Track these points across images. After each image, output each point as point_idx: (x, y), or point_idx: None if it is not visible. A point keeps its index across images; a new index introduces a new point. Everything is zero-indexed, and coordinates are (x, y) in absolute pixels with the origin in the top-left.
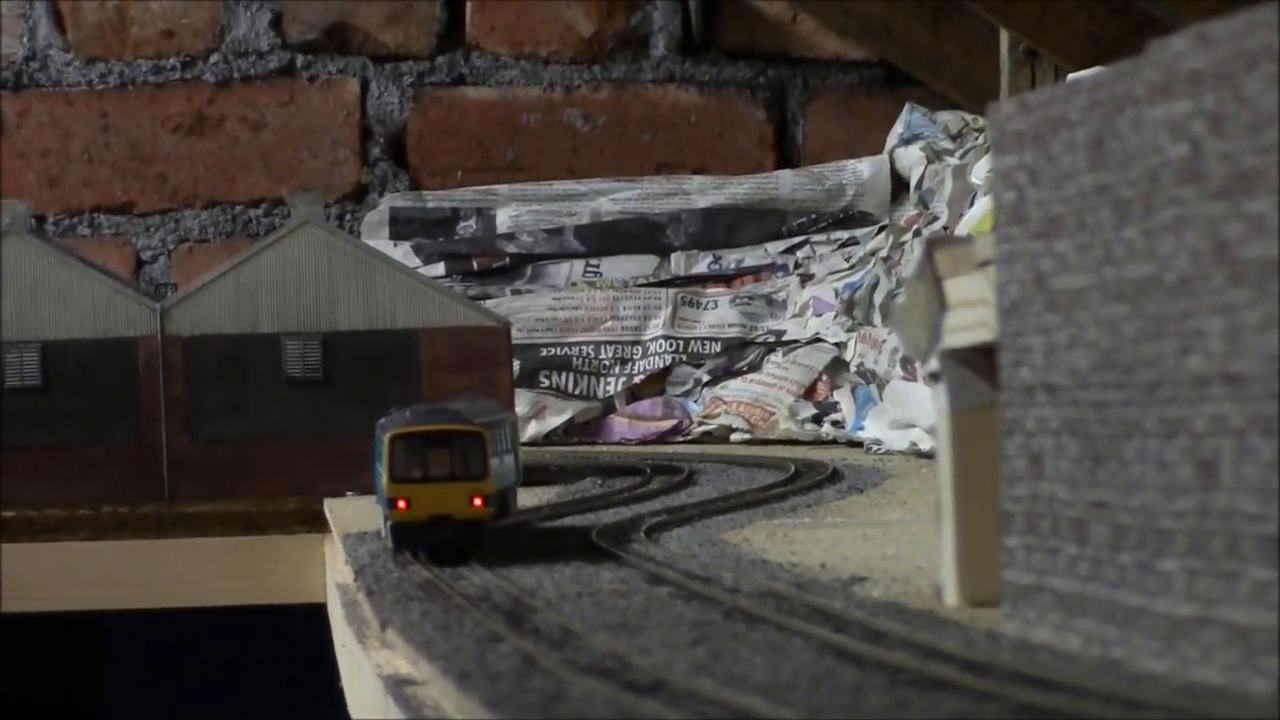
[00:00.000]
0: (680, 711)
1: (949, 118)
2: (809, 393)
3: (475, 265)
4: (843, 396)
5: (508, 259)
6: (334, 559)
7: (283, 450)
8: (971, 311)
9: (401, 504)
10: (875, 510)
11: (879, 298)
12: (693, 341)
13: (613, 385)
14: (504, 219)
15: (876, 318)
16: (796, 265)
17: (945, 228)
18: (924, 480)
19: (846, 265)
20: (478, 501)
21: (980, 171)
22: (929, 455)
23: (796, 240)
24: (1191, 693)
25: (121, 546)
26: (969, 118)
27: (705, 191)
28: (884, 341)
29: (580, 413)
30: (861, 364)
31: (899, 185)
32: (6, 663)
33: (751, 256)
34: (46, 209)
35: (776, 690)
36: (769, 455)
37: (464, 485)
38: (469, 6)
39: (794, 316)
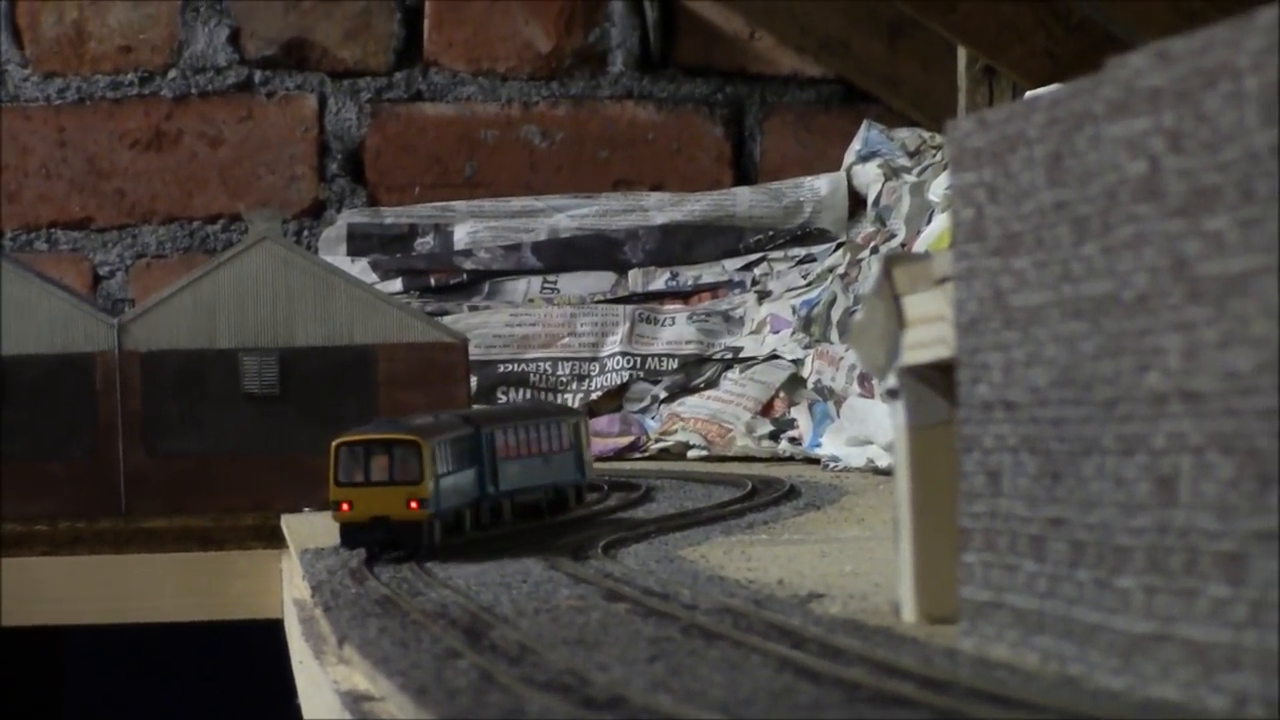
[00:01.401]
0: None
1: (906, 135)
2: (766, 409)
3: (433, 281)
4: (800, 413)
5: (465, 275)
6: (291, 575)
7: (240, 466)
8: (929, 328)
9: (345, 506)
10: (832, 527)
11: (836, 315)
12: (650, 358)
13: (570, 401)
14: (461, 235)
15: (834, 335)
16: (754, 282)
17: (903, 245)
18: (881, 497)
19: (804, 282)
20: (414, 504)
21: (937, 189)
22: (886, 472)
23: (754, 257)
24: (1149, 709)
25: (79, 562)
26: (926, 135)
27: (663, 208)
28: (841, 358)
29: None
30: (819, 381)
31: (856, 202)
32: None
33: (709, 273)
34: (4, 224)
35: (734, 706)
36: (726, 472)
37: (401, 489)
38: (427, 23)
39: (751, 333)
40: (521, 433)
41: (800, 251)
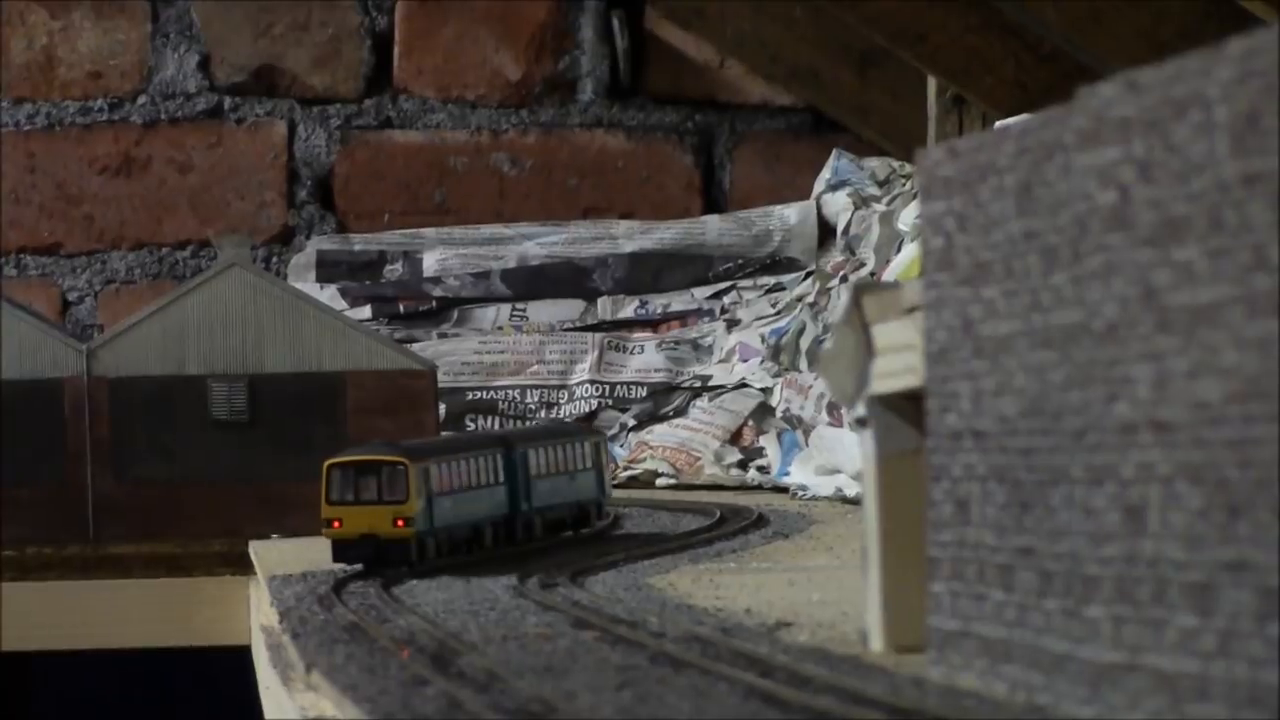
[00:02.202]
0: None
1: (876, 164)
2: (735, 438)
3: (401, 308)
4: (768, 442)
5: (434, 302)
6: (259, 601)
7: (208, 492)
8: (899, 357)
9: (336, 523)
10: (801, 556)
11: (805, 343)
12: (619, 386)
13: None
14: (431, 262)
15: (803, 363)
16: (723, 310)
17: (872, 273)
18: (849, 526)
19: (773, 311)
20: (400, 522)
21: (907, 218)
22: (854, 501)
23: (723, 285)
24: None
25: (46, 587)
26: (896, 164)
27: (632, 236)
28: (810, 387)
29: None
30: (787, 409)
31: (826, 231)
32: None
33: (678, 301)
34: None
35: None
36: (694, 500)
37: (389, 508)
38: (397, 50)
39: (720, 362)
40: (551, 452)
41: (769, 280)
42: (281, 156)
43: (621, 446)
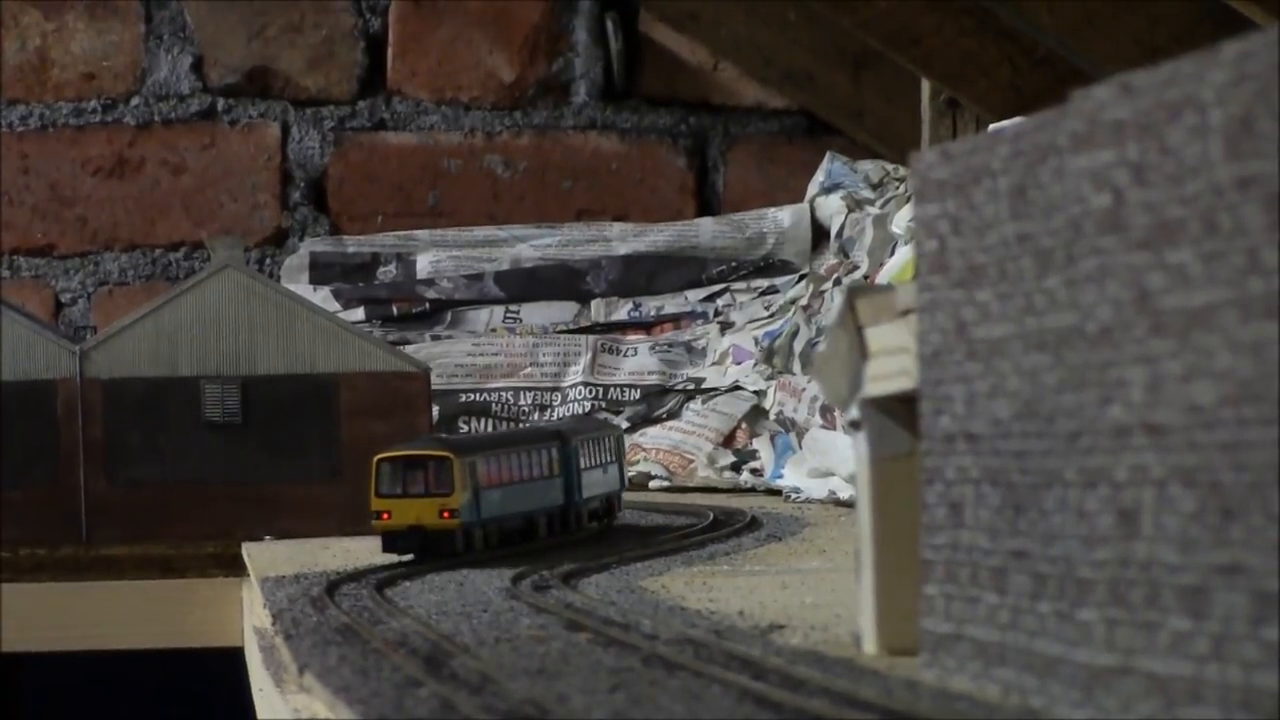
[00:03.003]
0: None
1: (870, 167)
2: (728, 440)
3: (395, 310)
4: (762, 444)
5: (427, 304)
6: (252, 603)
7: (201, 494)
8: (892, 360)
9: (385, 515)
10: (794, 558)
11: (799, 346)
12: (612, 388)
13: None
14: (424, 264)
15: (796, 366)
16: (716, 313)
17: (866, 276)
18: (842, 529)
19: (766, 313)
20: (446, 514)
21: (901, 221)
22: (848, 504)
23: (716, 288)
24: None
25: (39, 589)
26: (890, 167)
27: (626, 238)
28: (803, 390)
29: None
30: (781, 412)
31: (819, 234)
32: None
33: (671, 304)
34: None
35: None
36: (687, 502)
37: (435, 500)
38: (390, 52)
39: (713, 364)
40: (593, 445)
41: (763, 283)
42: (275, 158)
43: None
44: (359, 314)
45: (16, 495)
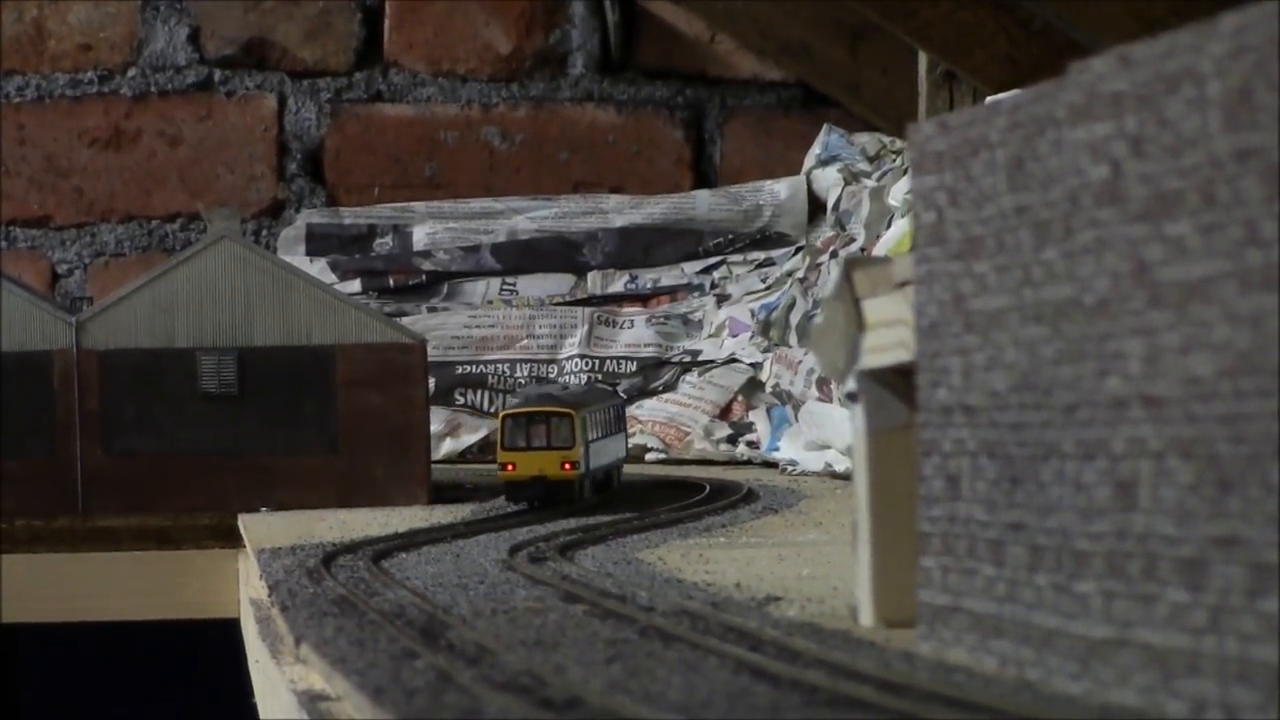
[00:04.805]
0: None
1: (867, 139)
2: (724, 413)
3: (391, 282)
4: (758, 417)
5: (424, 276)
6: (248, 574)
7: (197, 465)
8: (890, 332)
9: (510, 467)
10: (790, 531)
11: (795, 319)
12: (608, 360)
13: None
14: (420, 236)
15: (792, 339)
16: (713, 285)
17: (862, 249)
18: (839, 501)
19: (763, 286)
20: (567, 466)
21: (897, 193)
22: (844, 476)
23: (713, 260)
24: (1108, 715)
25: (36, 560)
26: (886, 139)
27: (622, 211)
28: (800, 362)
29: (495, 431)
30: (777, 385)
31: (816, 206)
32: None
33: (668, 276)
34: None
35: (692, 708)
36: (684, 475)
37: (557, 453)
38: (387, 24)
39: (710, 337)
40: (622, 410)
41: (759, 255)
42: (271, 130)
43: None
44: (355, 285)
45: (13, 466)
